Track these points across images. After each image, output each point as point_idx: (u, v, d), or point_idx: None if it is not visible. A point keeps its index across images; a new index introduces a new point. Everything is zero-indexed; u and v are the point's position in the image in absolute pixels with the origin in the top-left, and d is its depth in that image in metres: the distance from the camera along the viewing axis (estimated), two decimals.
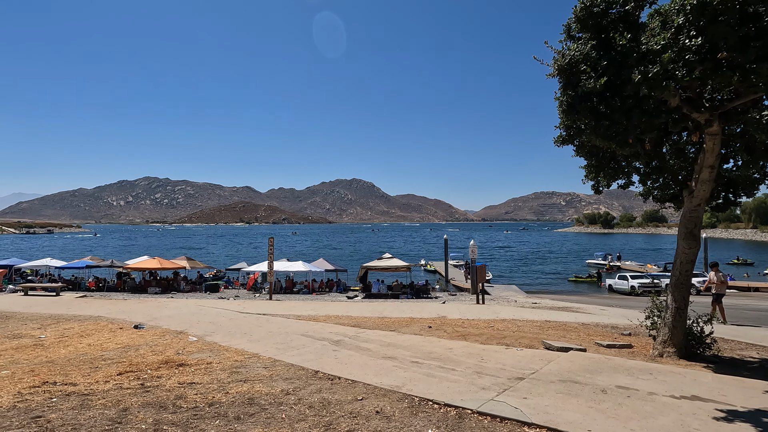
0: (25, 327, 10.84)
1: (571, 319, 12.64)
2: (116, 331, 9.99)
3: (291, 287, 25.25)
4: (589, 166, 7.93)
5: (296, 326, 10.31)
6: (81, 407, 4.62)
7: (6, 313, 13.46)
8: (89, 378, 5.88)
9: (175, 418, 4.30)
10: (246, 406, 4.67)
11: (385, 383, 5.48)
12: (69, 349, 8.08)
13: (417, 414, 4.44)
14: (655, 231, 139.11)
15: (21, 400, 4.87)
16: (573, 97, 6.49)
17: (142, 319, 11.71)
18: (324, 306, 15.82)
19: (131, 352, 7.68)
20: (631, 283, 27.43)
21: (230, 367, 6.41)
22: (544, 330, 10.32)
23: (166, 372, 6.14)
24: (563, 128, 7.29)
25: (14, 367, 6.70)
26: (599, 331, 10.45)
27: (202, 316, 12.33)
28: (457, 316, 12.94)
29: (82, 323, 11.36)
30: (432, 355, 7.11)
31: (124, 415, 4.36)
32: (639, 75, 5.72)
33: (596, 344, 8.45)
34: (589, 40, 6.40)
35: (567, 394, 5.02)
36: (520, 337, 8.95)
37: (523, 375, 5.84)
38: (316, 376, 5.95)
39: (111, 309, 14.29)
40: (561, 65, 6.55)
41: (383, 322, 11.19)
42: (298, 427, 4.09)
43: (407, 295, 22.47)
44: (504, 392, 5.09)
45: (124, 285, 24.99)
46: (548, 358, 6.79)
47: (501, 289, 27.17)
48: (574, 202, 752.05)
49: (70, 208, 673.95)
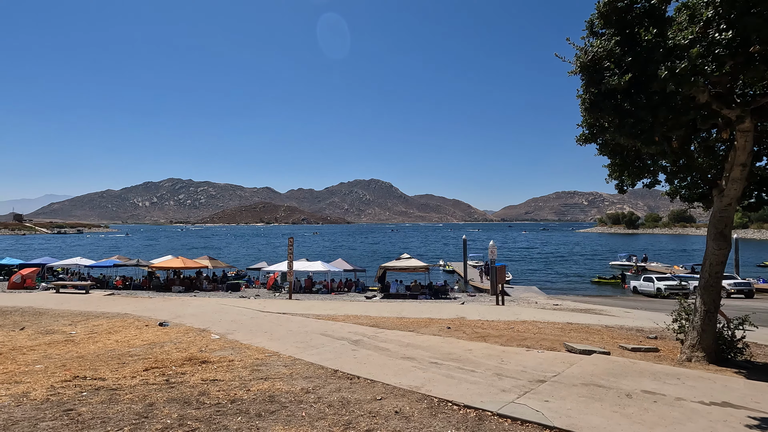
0: (57, 323, 11.26)
1: (594, 322, 12.36)
2: (142, 329, 10.28)
3: (310, 287, 25.48)
4: (612, 164, 7.75)
5: (315, 325, 10.40)
6: (109, 401, 4.78)
7: (39, 309, 14.02)
8: (117, 373, 6.07)
9: (199, 413, 4.40)
10: (267, 403, 4.74)
11: (404, 383, 5.48)
12: (98, 345, 8.36)
13: (436, 415, 4.42)
14: (682, 231, 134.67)
15: (54, 394, 5.06)
16: (596, 94, 6.35)
17: (166, 317, 12.02)
18: (343, 306, 15.91)
19: (156, 348, 7.89)
20: (657, 284, 26.62)
21: (251, 365, 6.51)
22: (566, 332, 10.12)
23: (189, 369, 6.29)
24: (586, 126, 7.14)
25: (47, 361, 6.97)
26: (624, 334, 10.19)
27: (224, 314, 12.56)
28: (477, 317, 12.82)
29: (110, 320, 11.73)
30: (451, 356, 7.07)
31: (150, 410, 4.49)
32: (666, 71, 5.56)
33: (620, 347, 8.23)
34: (613, 36, 6.24)
35: (590, 398, 4.91)
36: (541, 339, 8.80)
37: (545, 378, 5.74)
38: (335, 375, 5.99)
39: (137, 307, 14.71)
40: (583, 62, 6.42)
41: (402, 323, 11.18)
42: (318, 425, 4.13)
43: (426, 295, 22.38)
44: (525, 395, 5.01)
45: (150, 283, 25.69)
46: (570, 361, 6.66)
47: (521, 290, 26.78)
48: (596, 202, 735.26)
49: (99, 208, 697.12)
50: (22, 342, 8.76)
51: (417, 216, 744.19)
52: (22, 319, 12.09)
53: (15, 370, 6.39)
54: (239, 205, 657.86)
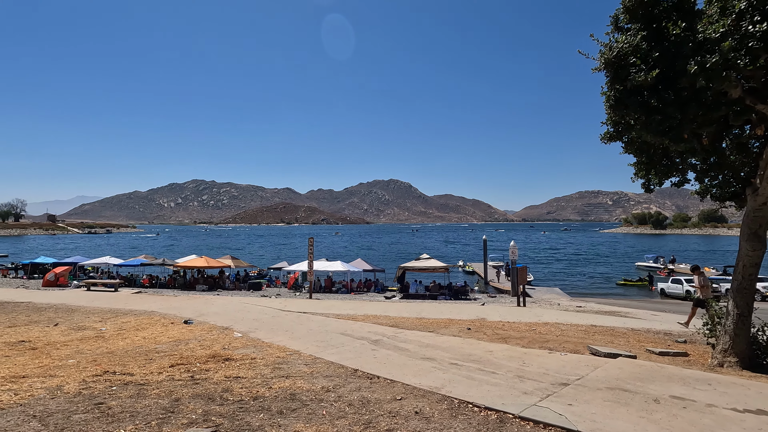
0: (88, 320, 11.69)
1: (620, 324, 12.05)
2: (168, 326, 10.57)
3: (330, 286, 25.68)
4: (639, 163, 7.54)
5: (335, 325, 10.47)
6: (138, 396, 4.93)
7: (72, 306, 14.59)
8: (144, 369, 6.26)
9: (222, 409, 4.49)
10: (288, 401, 4.80)
11: (424, 384, 5.46)
12: (126, 342, 8.64)
13: (456, 416, 4.39)
14: (713, 232, 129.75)
15: (85, 388, 5.26)
16: (621, 91, 6.20)
17: (191, 315, 12.32)
18: (362, 305, 15.98)
19: (182, 345, 8.10)
20: (686, 287, 25.73)
21: (273, 363, 6.61)
22: (590, 335, 9.90)
23: (213, 366, 6.43)
24: (611, 124, 6.97)
25: (79, 356, 7.24)
26: (651, 338, 9.89)
27: (246, 313, 12.79)
28: (497, 318, 12.67)
29: (137, 317, 12.10)
30: (471, 357, 7.01)
31: (176, 405, 4.61)
32: (696, 66, 5.37)
33: (647, 351, 8.00)
34: (639, 31, 6.08)
35: (616, 403, 4.79)
36: (563, 342, 8.63)
37: (568, 381, 5.63)
38: (355, 374, 6.02)
39: (163, 305, 15.13)
40: (608, 58, 6.27)
41: (421, 323, 11.14)
42: (339, 424, 4.16)
43: (445, 296, 22.25)
44: (547, 398, 4.93)
45: (175, 282, 26.38)
46: (595, 364, 6.51)
47: (543, 291, 26.32)
48: (621, 202, 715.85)
49: (126, 209, 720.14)
50: (56, 337, 9.13)
51: (436, 216, 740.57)
52: (55, 315, 12.60)
53: (49, 364, 6.67)
54: (261, 205, 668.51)
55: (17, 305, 14.84)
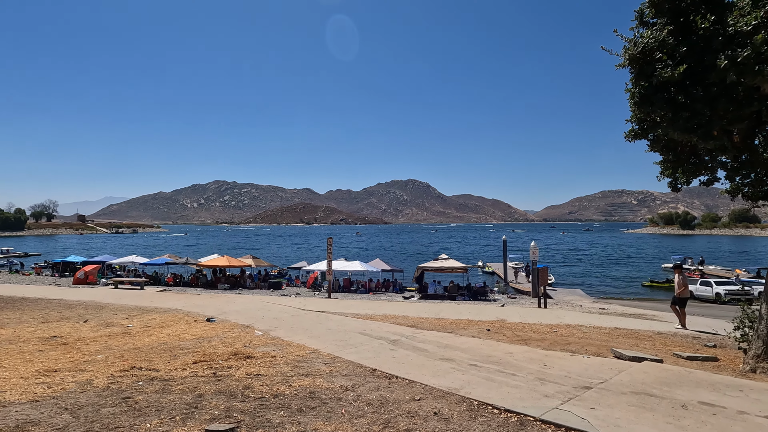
0: (115, 317, 12.07)
1: (645, 327, 11.71)
2: (191, 324, 10.83)
3: (348, 286, 25.81)
4: (665, 161, 7.30)
5: (354, 324, 10.52)
6: (162, 391, 5.07)
7: (100, 303, 15.10)
8: (169, 365, 6.43)
9: (244, 406, 4.58)
10: (308, 399, 4.85)
11: (443, 385, 5.44)
12: (152, 338, 8.89)
13: (476, 418, 4.36)
14: (744, 233, 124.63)
15: (113, 382, 5.44)
16: (647, 87, 6.02)
17: (213, 313, 12.59)
18: (381, 305, 16.00)
19: (204, 343, 8.28)
20: (715, 289, 24.82)
21: (293, 361, 6.70)
22: (614, 338, 9.66)
23: (235, 363, 6.55)
24: (635, 122, 6.79)
25: (107, 352, 7.49)
26: (678, 341, 9.59)
27: (267, 312, 12.98)
28: (517, 319, 12.50)
29: (162, 315, 12.43)
30: (491, 358, 6.94)
31: (200, 401, 4.72)
32: (726, 60, 5.18)
33: (674, 355, 7.76)
34: (665, 25, 5.90)
35: (641, 408, 4.67)
36: (586, 344, 8.45)
37: (591, 384, 5.51)
38: (374, 374, 6.04)
39: (186, 303, 15.50)
40: (633, 54, 6.10)
41: (440, 324, 11.09)
42: (358, 423, 4.18)
43: (464, 296, 22.07)
44: (569, 401, 4.84)
45: (198, 281, 26.98)
46: (619, 368, 6.35)
47: (564, 292, 25.81)
48: (647, 201, 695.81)
49: (152, 210, 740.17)
50: (86, 333, 9.47)
51: (455, 216, 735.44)
52: (85, 312, 13.06)
53: (80, 359, 6.92)
54: (280, 205, 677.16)
55: (50, 302, 15.45)
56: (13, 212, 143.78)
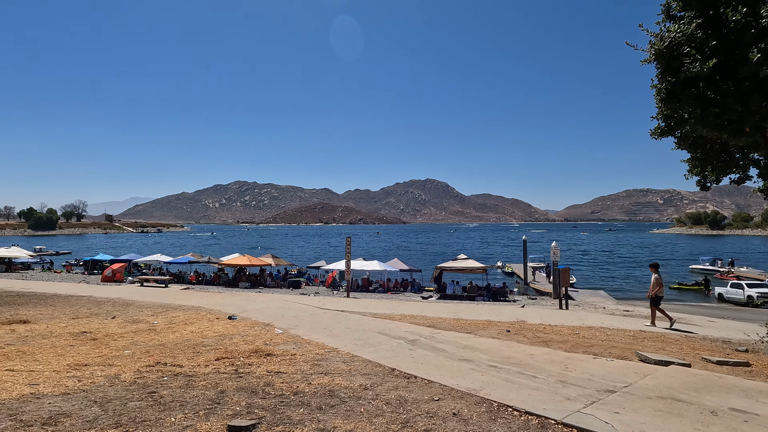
0: (141, 313, 12.43)
1: (672, 330, 11.36)
2: (213, 321, 11.05)
3: (367, 286, 25.89)
4: (693, 159, 7.08)
5: (373, 324, 10.55)
6: (186, 387, 5.20)
7: (127, 300, 15.58)
8: (192, 361, 6.58)
9: (265, 403, 4.65)
10: (327, 397, 4.89)
11: (462, 385, 5.40)
12: (176, 335, 9.11)
13: (496, 419, 4.31)
14: None
15: (140, 377, 5.61)
16: (674, 83, 5.84)
17: (234, 311, 12.82)
18: (399, 305, 16.00)
19: (226, 340, 8.45)
20: (747, 292, 23.88)
21: (312, 360, 6.76)
22: (639, 340, 9.40)
23: (256, 360, 6.66)
24: (662, 118, 6.59)
25: (134, 348, 7.72)
26: (707, 345, 9.26)
27: (286, 310, 13.15)
28: (538, 321, 12.30)
29: (185, 312, 12.74)
30: (511, 360, 6.85)
31: (222, 397, 4.82)
32: (759, 53, 4.98)
33: (703, 359, 7.50)
34: (694, 19, 5.71)
35: (667, 413, 4.53)
36: (609, 347, 8.25)
37: (614, 388, 5.38)
38: (392, 373, 6.04)
39: (209, 301, 15.84)
40: (659, 49, 5.93)
41: (459, 324, 11.01)
42: (377, 422, 4.19)
43: (483, 297, 21.86)
44: (592, 404, 4.74)
45: (219, 279, 27.53)
46: (644, 372, 6.18)
47: (587, 294, 25.25)
48: (673, 200, 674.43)
49: (175, 209, 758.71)
50: (114, 329, 9.78)
51: (474, 216, 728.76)
52: (113, 308, 13.49)
53: (108, 354, 7.16)
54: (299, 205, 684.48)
55: (79, 299, 16.02)
56: (46, 212, 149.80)
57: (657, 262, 12.61)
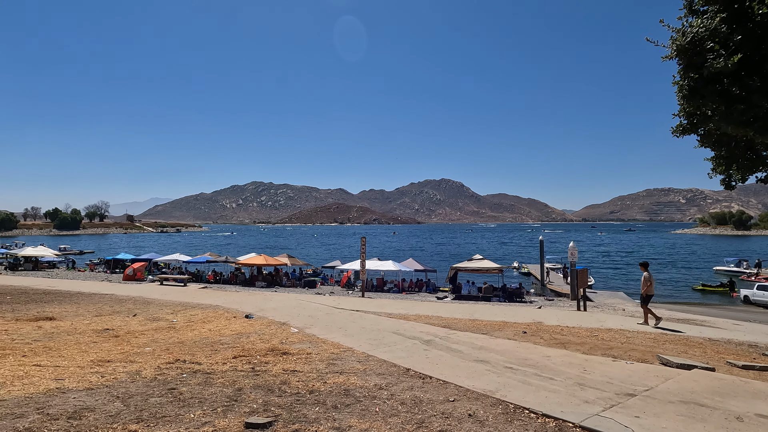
0: (161, 312, 12.70)
1: (695, 333, 11.06)
2: (231, 320, 11.22)
3: (381, 286, 25.90)
4: (717, 157, 6.88)
5: (387, 324, 10.56)
6: (205, 384, 5.29)
7: (147, 299, 15.93)
8: (210, 359, 6.70)
9: (281, 401, 4.70)
10: (342, 396, 4.92)
11: (478, 386, 5.36)
12: (194, 333, 9.28)
13: (512, 421, 4.27)
14: None
15: (160, 374, 5.73)
16: (697, 79, 5.69)
17: (251, 310, 12.99)
18: (414, 305, 15.96)
19: (243, 338, 8.57)
20: None
21: (327, 359, 6.81)
22: (660, 343, 9.18)
23: (272, 359, 6.74)
24: (684, 116, 6.43)
25: (154, 345, 7.90)
26: (732, 349, 8.99)
27: (302, 309, 13.26)
28: (555, 322, 12.13)
29: (204, 311, 12.96)
30: (527, 361, 6.77)
31: (239, 394, 4.89)
32: None
33: (728, 364, 7.28)
34: (718, 13, 5.55)
35: (690, 418, 4.41)
36: (629, 350, 8.08)
37: (634, 391, 5.27)
38: (407, 373, 6.04)
39: (226, 299, 16.08)
40: (681, 45, 5.78)
41: (474, 325, 10.94)
42: (392, 421, 4.19)
43: (499, 298, 21.64)
44: (611, 408, 4.65)
45: (236, 279, 27.92)
46: (665, 375, 6.03)
47: (606, 295, 24.76)
48: (696, 200, 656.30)
49: (193, 210, 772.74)
50: (135, 327, 10.01)
51: (489, 216, 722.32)
52: (134, 306, 13.82)
53: (129, 351, 7.34)
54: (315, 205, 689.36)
55: (102, 297, 16.46)
56: (70, 213, 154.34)
57: (647, 261, 12.70)
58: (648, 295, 11.93)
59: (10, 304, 13.84)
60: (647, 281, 11.87)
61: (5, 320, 10.74)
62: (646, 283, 11.87)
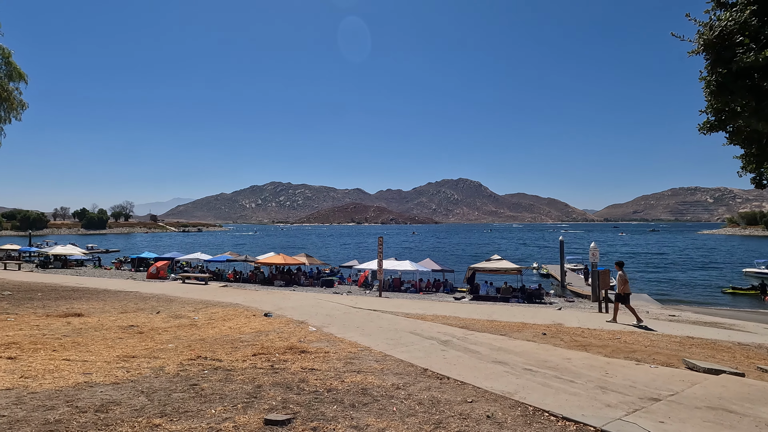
0: (183, 309, 12.99)
1: (723, 337, 10.69)
2: (250, 318, 11.40)
3: (399, 285, 25.90)
4: (747, 155, 6.63)
5: (405, 323, 10.55)
6: (225, 380, 5.39)
7: (170, 297, 16.33)
8: (231, 356, 6.82)
9: (299, 398, 4.76)
10: (359, 395, 4.94)
11: (496, 388, 5.31)
12: (215, 330, 9.47)
13: (531, 424, 4.21)
14: None
15: (182, 370, 5.87)
16: (725, 75, 5.50)
17: (270, 308, 13.17)
18: (431, 305, 15.91)
19: (262, 336, 8.69)
20: None
21: (345, 358, 6.85)
22: (686, 347, 8.91)
23: (290, 357, 6.82)
24: (711, 112, 6.22)
25: (177, 342, 8.09)
26: (763, 354, 8.65)
27: (320, 308, 13.37)
28: (576, 324, 11.91)
29: (224, 309, 13.20)
30: (547, 363, 6.67)
31: (258, 391, 4.97)
32: None
33: (759, 369, 7.01)
34: (748, 6, 5.35)
35: (718, 424, 4.27)
36: (653, 353, 7.87)
37: (659, 396, 5.13)
38: (425, 373, 6.02)
39: (246, 298, 16.35)
40: (708, 39, 5.60)
41: (492, 326, 10.83)
42: (409, 421, 4.19)
43: (518, 299, 21.37)
44: (634, 413, 4.54)
45: (255, 277, 28.35)
46: (692, 380, 5.85)
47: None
48: (725, 199, 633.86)
49: (214, 210, 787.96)
50: (158, 324, 10.28)
51: (508, 216, 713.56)
52: (157, 304, 14.18)
53: (153, 347, 7.53)
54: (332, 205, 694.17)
55: (127, 294, 16.95)
56: (97, 213, 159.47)
57: (622, 261, 13.08)
58: (625, 293, 12.22)
59: (41, 300, 14.39)
60: (623, 280, 12.20)
61: (37, 316, 11.17)
62: (622, 282, 12.19)
